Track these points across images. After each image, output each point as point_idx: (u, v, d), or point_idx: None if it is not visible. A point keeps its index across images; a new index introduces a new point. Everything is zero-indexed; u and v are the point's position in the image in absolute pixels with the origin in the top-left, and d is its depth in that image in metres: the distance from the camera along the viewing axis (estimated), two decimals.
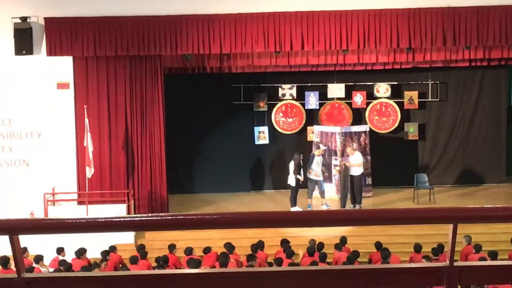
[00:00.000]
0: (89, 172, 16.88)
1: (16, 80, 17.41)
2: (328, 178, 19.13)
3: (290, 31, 17.04)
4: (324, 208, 17.61)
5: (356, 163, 17.98)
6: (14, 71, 17.34)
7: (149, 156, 17.86)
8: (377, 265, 4.15)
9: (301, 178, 17.97)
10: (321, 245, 14.14)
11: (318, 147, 18.55)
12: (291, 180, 17.90)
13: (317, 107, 20.84)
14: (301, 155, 18.49)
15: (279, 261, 12.95)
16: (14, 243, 3.17)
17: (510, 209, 3.24)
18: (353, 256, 13.08)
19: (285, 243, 14.35)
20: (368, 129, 20.00)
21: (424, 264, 6.14)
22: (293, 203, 17.77)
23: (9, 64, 17.27)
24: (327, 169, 18.99)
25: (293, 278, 3.38)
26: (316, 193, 18.20)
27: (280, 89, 20.80)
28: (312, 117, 20.92)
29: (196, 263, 12.65)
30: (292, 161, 18.06)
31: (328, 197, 18.42)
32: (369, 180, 19.63)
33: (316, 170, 18.01)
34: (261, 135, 20.86)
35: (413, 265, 4.12)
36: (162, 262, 13.21)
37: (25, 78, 17.40)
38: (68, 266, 12.66)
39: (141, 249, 14.22)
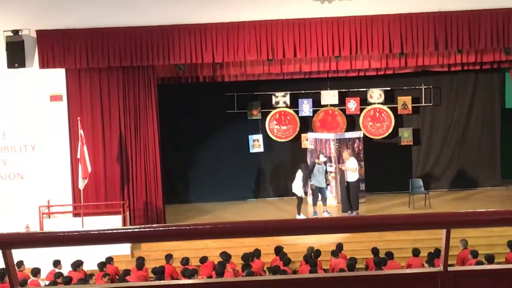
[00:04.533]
0: (83, 184, 16.82)
1: (9, 93, 17.39)
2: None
3: (282, 39, 17.07)
4: (325, 215, 17.60)
5: (352, 168, 17.99)
6: (7, 84, 17.31)
7: (143, 167, 17.83)
8: (372, 272, 4.16)
9: (308, 188, 18.08)
10: (318, 252, 14.13)
11: (318, 157, 18.48)
12: (297, 189, 17.86)
13: (311, 114, 20.85)
14: (308, 164, 18.55)
15: (276, 269, 12.91)
16: (7, 258, 3.16)
17: (503, 213, 3.24)
18: (353, 263, 13.07)
19: (280, 251, 14.33)
20: (362, 135, 19.99)
21: (418, 269, 6.14)
22: (299, 211, 17.76)
23: (1, 77, 17.24)
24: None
25: (290, 286, 3.38)
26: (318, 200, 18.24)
27: (273, 97, 20.80)
28: (306, 124, 20.92)
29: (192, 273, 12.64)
30: (299, 170, 18.05)
31: (328, 205, 18.39)
32: (362, 186, 19.59)
33: (318, 177, 18.00)
34: (256, 143, 20.86)
35: (407, 270, 4.12)
36: (159, 273, 13.16)
37: (18, 91, 17.38)
38: (67, 279, 12.61)
39: (138, 260, 14.19)
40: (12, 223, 16.38)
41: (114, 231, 3.23)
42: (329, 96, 20.76)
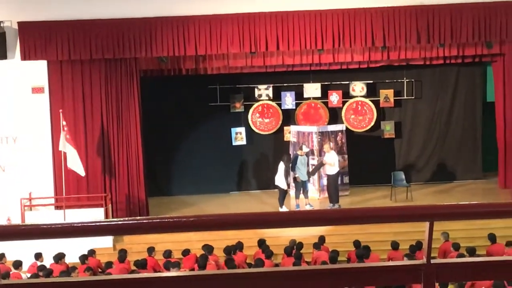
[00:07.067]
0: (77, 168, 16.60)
1: None
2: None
3: (265, 32, 17.08)
4: (307, 208, 17.62)
5: (331, 162, 17.99)
6: None
7: (126, 159, 17.79)
8: (355, 264, 4.17)
9: (290, 181, 18.04)
10: (300, 245, 14.15)
11: (301, 148, 18.48)
12: (280, 182, 17.82)
13: (294, 107, 20.86)
14: (290, 156, 18.55)
15: (258, 262, 12.93)
16: None
17: (485, 206, 3.26)
18: (335, 256, 13.10)
19: (263, 243, 14.35)
20: (344, 128, 20.04)
21: (402, 262, 6.18)
22: (281, 203, 17.74)
23: None
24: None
25: (272, 278, 3.38)
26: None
27: (256, 89, 20.79)
28: (289, 117, 20.93)
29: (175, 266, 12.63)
30: (281, 162, 17.99)
31: (310, 197, 18.41)
32: (346, 179, 19.65)
33: (301, 170, 17.99)
34: (238, 136, 20.85)
35: (391, 263, 4.14)
36: (141, 265, 13.14)
37: None
38: (48, 272, 12.56)
39: (120, 253, 14.14)
40: None
41: (98, 223, 3.22)
42: (312, 89, 20.78)
